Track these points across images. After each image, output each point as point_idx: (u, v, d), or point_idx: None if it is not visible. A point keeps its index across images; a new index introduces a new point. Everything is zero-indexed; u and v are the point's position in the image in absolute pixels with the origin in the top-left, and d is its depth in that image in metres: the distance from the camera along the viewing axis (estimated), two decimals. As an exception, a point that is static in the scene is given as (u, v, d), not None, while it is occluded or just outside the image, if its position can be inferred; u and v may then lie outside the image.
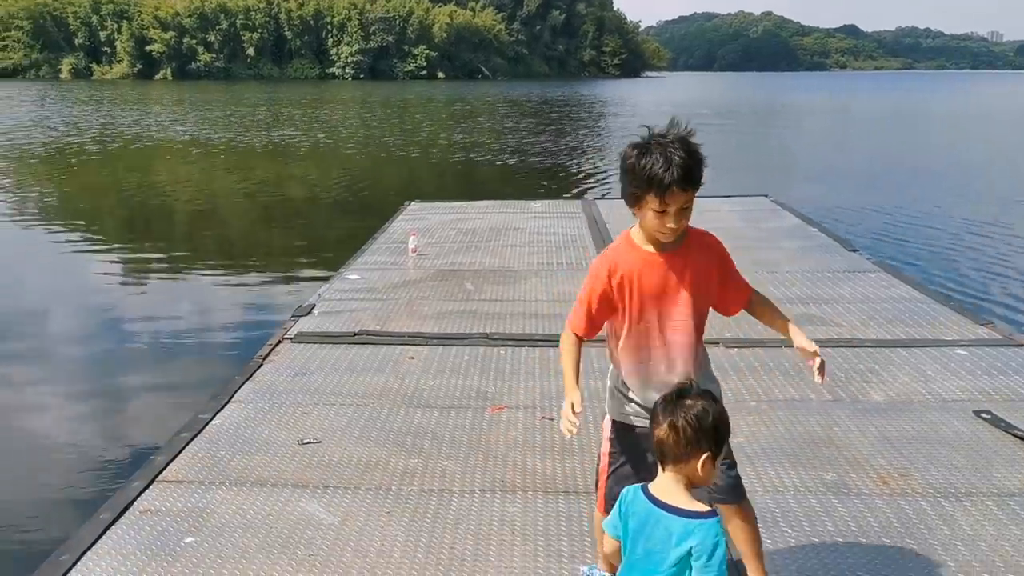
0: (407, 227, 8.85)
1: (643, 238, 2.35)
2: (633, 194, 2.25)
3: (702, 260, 2.39)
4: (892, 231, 11.30)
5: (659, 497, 1.92)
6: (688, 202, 2.23)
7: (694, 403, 1.92)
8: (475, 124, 33.05)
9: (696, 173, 2.20)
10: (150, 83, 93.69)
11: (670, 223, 2.22)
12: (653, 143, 2.20)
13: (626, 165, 2.23)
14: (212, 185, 17.01)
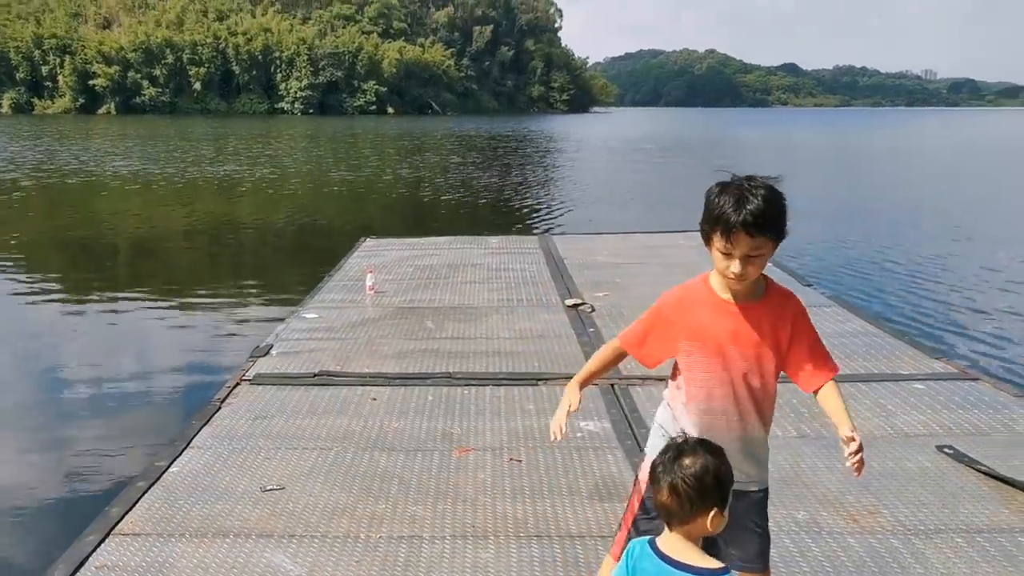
0: (363, 264, 8.78)
1: (719, 284, 2.25)
2: (703, 230, 2.19)
3: (776, 318, 2.23)
4: (841, 265, 11.56)
5: (669, 554, 1.87)
6: (758, 250, 2.10)
7: (693, 462, 1.86)
8: (424, 159, 33.06)
9: (771, 220, 2.08)
10: (93, 118, 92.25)
11: (734, 268, 2.12)
12: (735, 182, 2.12)
13: (706, 201, 2.17)
14: (156, 222, 16.57)
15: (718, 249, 2.14)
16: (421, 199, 20.13)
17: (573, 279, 8.09)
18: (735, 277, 2.14)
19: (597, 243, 10.31)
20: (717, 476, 1.86)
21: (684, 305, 2.28)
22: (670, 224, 15.70)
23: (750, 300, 2.22)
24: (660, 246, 9.97)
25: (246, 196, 20.34)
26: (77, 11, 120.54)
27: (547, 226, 15.49)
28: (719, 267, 2.18)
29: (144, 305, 9.41)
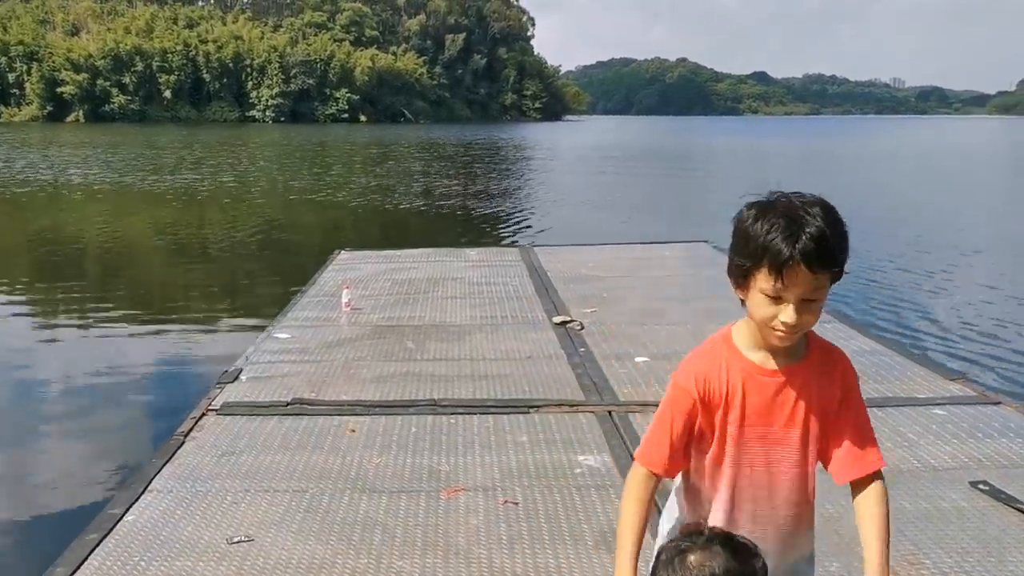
0: (338, 278, 8.37)
1: (749, 340, 1.74)
2: (740, 266, 1.66)
3: (825, 381, 1.75)
4: None
5: None
6: (817, 292, 1.61)
7: (704, 561, 1.44)
8: (397, 168, 32.63)
9: (836, 251, 1.59)
10: (60, 125, 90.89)
11: (786, 316, 1.60)
12: (780, 201, 1.64)
13: (738, 228, 1.67)
14: (116, 235, 15.90)
15: (763, 292, 1.62)
16: (394, 209, 19.65)
17: (559, 293, 7.74)
18: (786, 330, 1.62)
19: (580, 255, 9.97)
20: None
21: (710, 382, 1.73)
22: (649, 234, 15.53)
23: (792, 361, 1.72)
24: (644, 258, 9.65)
25: (212, 206, 19.80)
26: (44, 18, 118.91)
27: (525, 236, 15.17)
28: (761, 316, 1.65)
29: (101, 325, 8.85)
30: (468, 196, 21.66)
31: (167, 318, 9.14)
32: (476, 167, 33.04)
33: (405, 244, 14.10)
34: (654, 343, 6.05)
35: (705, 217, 18.03)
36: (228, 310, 9.51)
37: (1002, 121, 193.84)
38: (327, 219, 18.10)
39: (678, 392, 1.79)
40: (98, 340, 8.30)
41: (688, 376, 1.77)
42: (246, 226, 16.68)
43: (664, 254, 9.82)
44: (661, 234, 15.37)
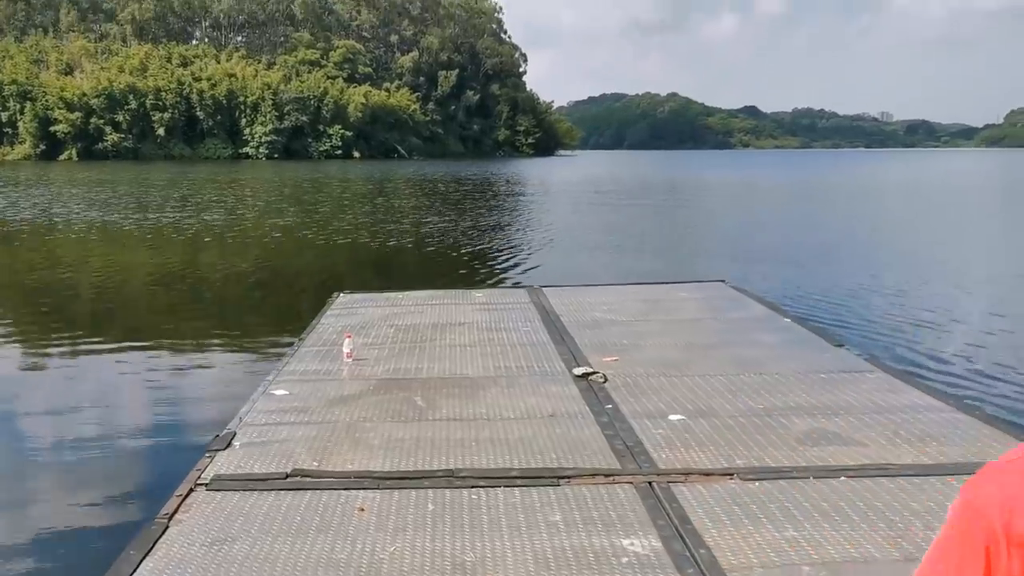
0: (338, 325, 7.87)
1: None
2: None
3: None
4: (864, 319, 10.61)
5: None
6: None
7: None
8: (391, 205, 32.20)
9: None
10: (53, 164, 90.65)
11: None
12: None
13: None
14: (99, 276, 15.21)
15: None
16: (390, 247, 19.11)
17: (575, 340, 7.23)
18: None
19: (591, 296, 9.46)
20: None
21: (1009, 520, 1.13)
22: (655, 272, 15.08)
23: None
24: (660, 300, 9.14)
25: (202, 247, 19.16)
26: (38, 57, 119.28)
27: (528, 275, 14.68)
28: None
29: (79, 382, 8.24)
30: (465, 233, 21.15)
31: (154, 369, 8.55)
32: (472, 203, 32.58)
33: (405, 284, 13.63)
34: (686, 398, 5.54)
35: (711, 253, 17.62)
36: (220, 361, 8.91)
37: (991, 153, 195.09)
38: (322, 258, 17.53)
39: (971, 521, 1.18)
40: (79, 394, 7.73)
41: (989, 500, 1.18)
42: (238, 267, 16.13)
43: (680, 295, 9.32)
44: (667, 271, 14.98)
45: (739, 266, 15.08)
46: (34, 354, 9.41)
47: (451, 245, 18.82)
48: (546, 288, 9.86)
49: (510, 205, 33.08)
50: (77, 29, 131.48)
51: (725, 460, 4.43)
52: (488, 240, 19.96)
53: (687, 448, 4.64)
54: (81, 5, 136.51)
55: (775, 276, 13.88)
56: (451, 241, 19.48)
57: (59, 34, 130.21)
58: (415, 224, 23.38)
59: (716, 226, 24.76)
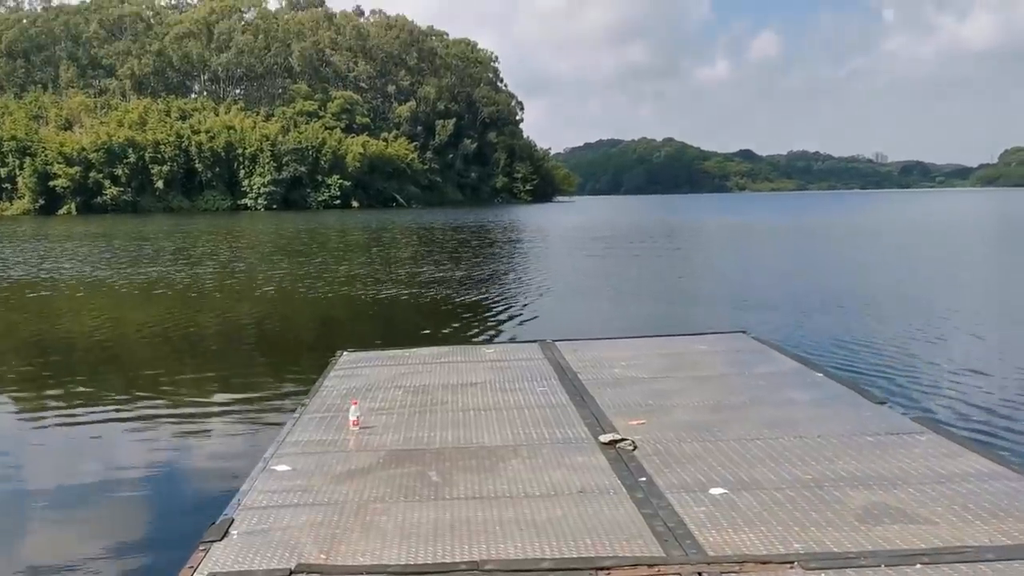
0: (343, 388, 7.43)
1: None
2: None
3: None
4: (899, 371, 10.00)
5: None
6: None
7: None
8: (389, 254, 31.85)
9: None
10: (51, 219, 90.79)
11: None
12: None
13: None
14: (77, 334, 14.76)
15: None
16: (391, 299, 18.53)
17: (596, 401, 6.78)
18: None
19: (607, 351, 9.01)
20: None
21: None
22: (668, 321, 14.64)
23: None
24: (681, 353, 8.69)
25: (195, 302, 18.55)
26: (38, 113, 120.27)
27: (536, 327, 14.23)
28: None
29: (57, 457, 7.62)
30: (466, 283, 20.71)
31: (144, 443, 7.94)
32: (472, 252, 32.22)
33: (408, 337, 13.22)
34: (725, 467, 5.08)
35: (722, 300, 17.19)
36: (217, 431, 8.36)
37: (988, 193, 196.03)
38: (322, 313, 17.03)
39: None
40: (57, 470, 7.22)
41: None
42: (234, 324, 15.61)
43: (701, 348, 8.88)
44: (679, 319, 14.58)
45: (753, 314, 14.65)
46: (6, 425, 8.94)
47: (452, 295, 18.39)
48: (559, 342, 9.41)
49: (511, 253, 32.71)
50: (76, 85, 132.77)
51: (781, 544, 3.96)
52: (490, 289, 19.54)
53: (735, 529, 4.16)
54: (80, 61, 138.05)
55: (791, 324, 13.43)
56: (452, 291, 19.05)
57: (59, 90, 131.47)
58: (414, 274, 22.97)
59: (723, 272, 24.38)
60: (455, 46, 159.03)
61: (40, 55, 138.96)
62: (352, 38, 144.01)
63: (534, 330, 13.42)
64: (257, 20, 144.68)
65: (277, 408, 8.59)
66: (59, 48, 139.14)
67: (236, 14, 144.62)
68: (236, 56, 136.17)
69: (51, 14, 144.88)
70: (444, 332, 13.66)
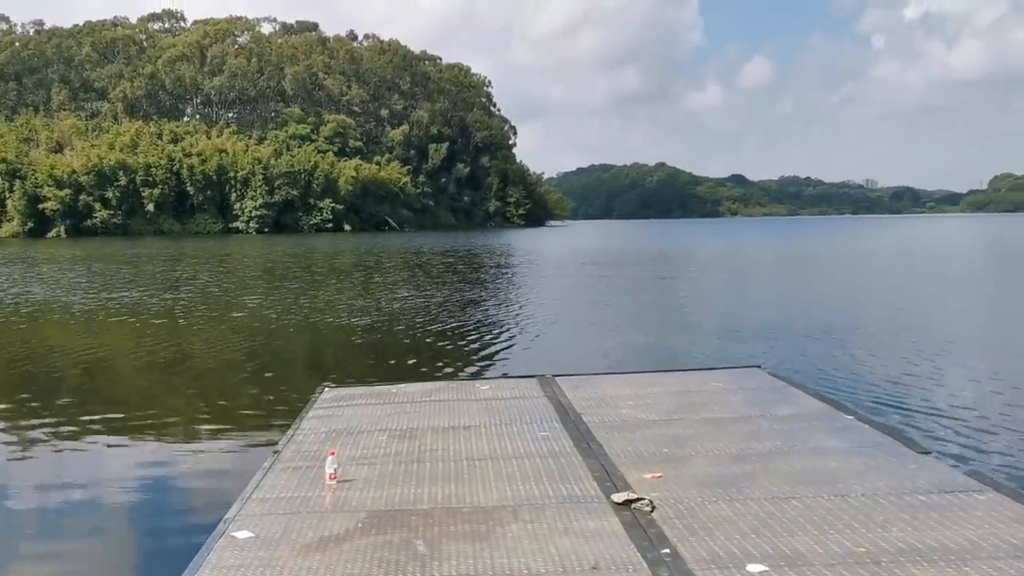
0: (322, 430, 6.69)
1: None
2: None
3: None
4: (915, 408, 9.22)
5: None
6: None
7: None
8: (380, 279, 31.07)
9: None
10: (40, 241, 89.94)
11: None
12: None
13: None
14: (35, 364, 13.81)
15: None
16: (378, 325, 17.58)
17: (604, 447, 6.05)
18: None
19: (612, 387, 8.27)
20: None
21: None
22: (671, 350, 13.93)
23: None
24: (693, 391, 7.97)
25: (165, 329, 17.48)
26: (29, 136, 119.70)
27: (533, 356, 13.52)
28: None
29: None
30: (457, 310, 19.90)
31: (88, 503, 7.18)
32: (462, 277, 31.45)
33: (395, 367, 12.48)
34: (760, 535, 4.35)
35: (725, 329, 16.48)
36: (179, 483, 7.48)
37: (980, 218, 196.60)
38: (305, 341, 16.12)
39: None
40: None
41: None
42: (206, 355, 14.56)
43: (714, 385, 8.16)
44: (682, 349, 13.88)
45: (758, 344, 13.95)
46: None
47: (443, 323, 17.61)
48: (559, 377, 8.67)
49: (504, 279, 31.92)
50: (68, 107, 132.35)
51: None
52: (483, 317, 18.77)
53: (785, 621, 3.44)
54: (73, 84, 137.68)
55: (801, 355, 12.72)
56: (443, 319, 18.28)
57: (50, 113, 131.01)
58: (403, 301, 22.19)
59: (725, 300, 23.71)
60: (448, 70, 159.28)
61: (32, 77, 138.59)
62: (345, 62, 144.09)
63: (530, 362, 12.65)
64: (250, 44, 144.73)
65: (248, 454, 7.82)
66: (51, 71, 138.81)
67: (229, 38, 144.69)
68: (229, 79, 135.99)
69: (43, 37, 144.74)
70: (434, 363, 12.90)
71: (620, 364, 12.33)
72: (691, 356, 13.01)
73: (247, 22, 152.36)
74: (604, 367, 11.92)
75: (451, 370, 12.33)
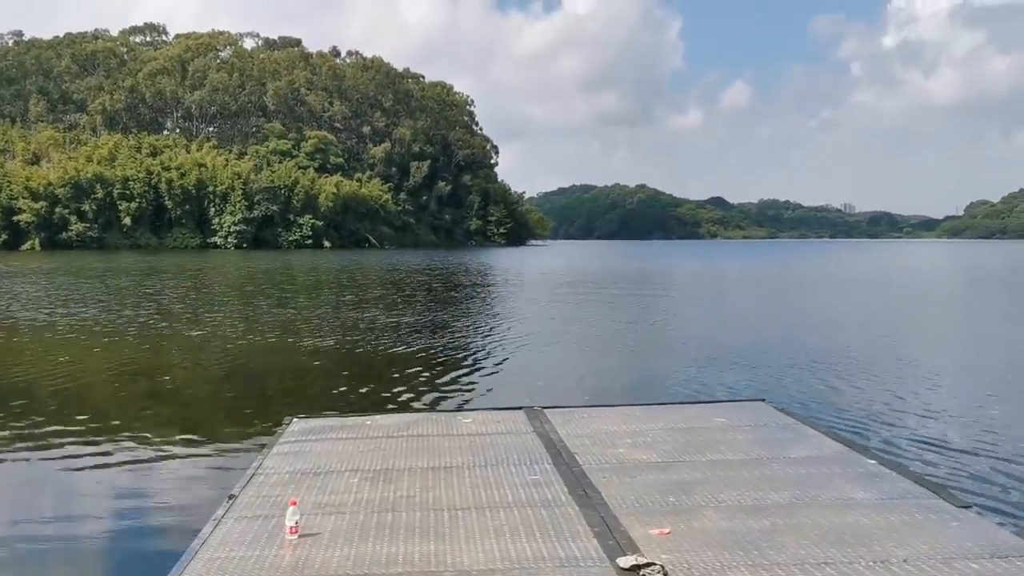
0: (286, 470, 5.99)
1: None
2: None
3: None
4: (931, 451, 8.56)
5: None
6: None
7: None
8: (357, 297, 30.26)
9: None
10: (13, 254, 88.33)
11: None
12: None
13: None
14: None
15: None
16: (352, 349, 16.43)
17: (602, 494, 5.37)
18: None
19: (606, 422, 7.59)
20: None
21: None
22: (663, 378, 13.21)
23: None
24: (693, 427, 7.32)
25: (125, 347, 16.93)
26: (4, 147, 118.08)
27: (519, 382, 12.79)
28: None
29: None
30: (438, 331, 19.08)
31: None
32: (442, 297, 30.72)
33: (371, 395, 11.73)
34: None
35: (718, 356, 15.80)
36: (121, 536, 6.68)
37: (958, 244, 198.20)
38: (274, 364, 15.06)
39: None
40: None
41: None
42: (164, 378, 13.51)
43: (718, 420, 7.51)
44: (674, 376, 13.21)
45: (755, 373, 13.32)
46: None
47: (423, 345, 16.84)
48: (548, 410, 8.00)
49: (486, 298, 31.17)
50: (46, 119, 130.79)
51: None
52: (465, 339, 18.02)
53: None
54: (51, 96, 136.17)
55: (802, 386, 12.09)
56: (423, 340, 17.50)
57: (27, 124, 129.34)
58: (382, 320, 21.44)
59: (714, 324, 23.13)
60: (431, 88, 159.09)
61: (10, 88, 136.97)
62: (328, 78, 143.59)
63: (514, 389, 11.95)
64: (233, 58, 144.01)
65: (199, 499, 7.03)
66: (29, 82, 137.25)
67: (211, 52, 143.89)
68: (210, 94, 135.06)
69: (22, 48, 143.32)
70: (411, 389, 12.13)
71: (609, 391, 11.69)
72: (684, 384, 12.34)
73: (230, 37, 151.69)
74: (593, 394, 11.27)
75: (429, 397, 11.59)
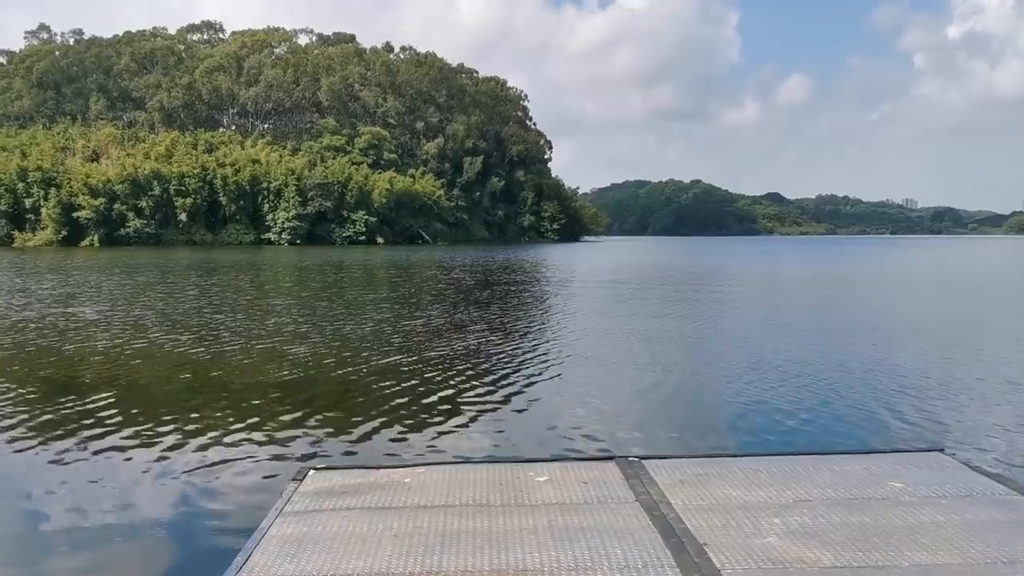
0: (294, 537, 4.12)
1: None
2: None
3: None
4: None
5: None
6: None
7: None
8: (407, 301, 28.49)
9: None
10: (73, 249, 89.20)
11: None
12: None
13: None
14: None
15: None
16: (390, 369, 13.32)
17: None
18: None
19: (731, 480, 5.57)
20: None
21: None
22: (796, 412, 10.89)
23: None
24: (868, 497, 5.29)
25: (124, 363, 15.41)
26: (65, 144, 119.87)
27: (599, 418, 10.60)
28: None
29: None
30: (494, 343, 16.90)
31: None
32: (501, 300, 28.58)
33: (402, 439, 9.61)
34: None
35: (837, 379, 13.51)
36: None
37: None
38: (300, 383, 12.07)
39: None
40: None
41: None
42: (166, 398, 12.26)
43: (893, 484, 5.41)
44: (802, 405, 10.93)
45: (897, 401, 11.09)
46: None
47: (476, 363, 14.88)
48: (647, 460, 6.01)
49: (547, 300, 28.82)
50: (106, 117, 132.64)
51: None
52: (528, 355, 15.87)
53: None
54: (111, 94, 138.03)
55: (970, 425, 9.90)
56: (475, 357, 15.52)
57: (88, 122, 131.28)
58: (433, 332, 19.57)
59: (823, 334, 20.86)
60: (485, 83, 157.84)
61: (71, 87, 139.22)
62: (382, 74, 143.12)
63: (597, 423, 9.81)
64: (287, 55, 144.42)
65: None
66: (90, 80, 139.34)
67: (266, 48, 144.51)
68: (265, 90, 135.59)
69: (83, 46, 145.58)
70: (462, 429, 9.90)
71: (713, 428, 9.60)
72: (814, 419, 10.12)
73: (284, 33, 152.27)
74: (694, 431, 9.18)
75: (490, 432, 9.45)
